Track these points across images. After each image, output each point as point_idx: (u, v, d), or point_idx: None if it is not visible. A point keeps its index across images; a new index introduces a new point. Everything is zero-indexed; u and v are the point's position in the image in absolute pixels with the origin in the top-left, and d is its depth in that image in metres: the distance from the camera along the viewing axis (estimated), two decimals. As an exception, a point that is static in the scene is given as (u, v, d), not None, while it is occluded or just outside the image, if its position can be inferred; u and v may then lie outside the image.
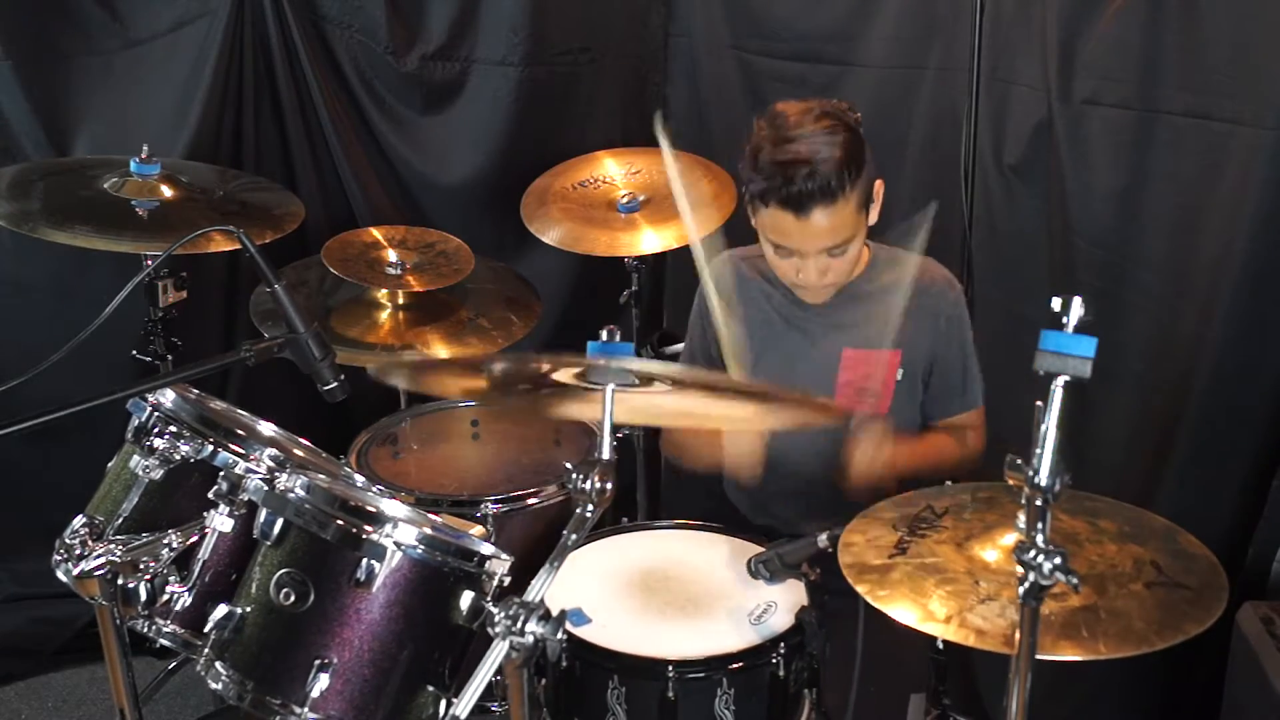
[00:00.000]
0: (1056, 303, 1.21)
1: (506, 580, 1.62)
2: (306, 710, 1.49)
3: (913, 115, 2.73)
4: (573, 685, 1.68)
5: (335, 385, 1.69)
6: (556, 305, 3.10)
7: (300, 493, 1.58)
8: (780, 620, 1.71)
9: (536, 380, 1.63)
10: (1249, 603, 1.98)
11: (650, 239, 2.62)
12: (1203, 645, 1.57)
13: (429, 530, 1.57)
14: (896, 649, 1.94)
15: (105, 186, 2.43)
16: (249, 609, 1.56)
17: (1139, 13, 2.21)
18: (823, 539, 1.66)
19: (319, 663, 1.50)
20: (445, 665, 1.58)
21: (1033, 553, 1.21)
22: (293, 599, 1.52)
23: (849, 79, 2.81)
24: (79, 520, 1.63)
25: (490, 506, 2.13)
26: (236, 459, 1.71)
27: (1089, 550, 1.45)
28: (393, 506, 1.73)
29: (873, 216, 1.97)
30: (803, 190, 1.82)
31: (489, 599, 1.58)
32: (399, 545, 1.53)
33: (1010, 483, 1.24)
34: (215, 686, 1.56)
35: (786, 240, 1.91)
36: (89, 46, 2.76)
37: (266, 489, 1.59)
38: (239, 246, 1.62)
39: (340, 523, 1.54)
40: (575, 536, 1.43)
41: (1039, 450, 1.20)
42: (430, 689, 1.56)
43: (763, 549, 1.80)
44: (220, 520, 1.65)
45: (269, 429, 1.91)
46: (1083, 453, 2.37)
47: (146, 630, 1.69)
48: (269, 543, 1.56)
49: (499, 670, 1.37)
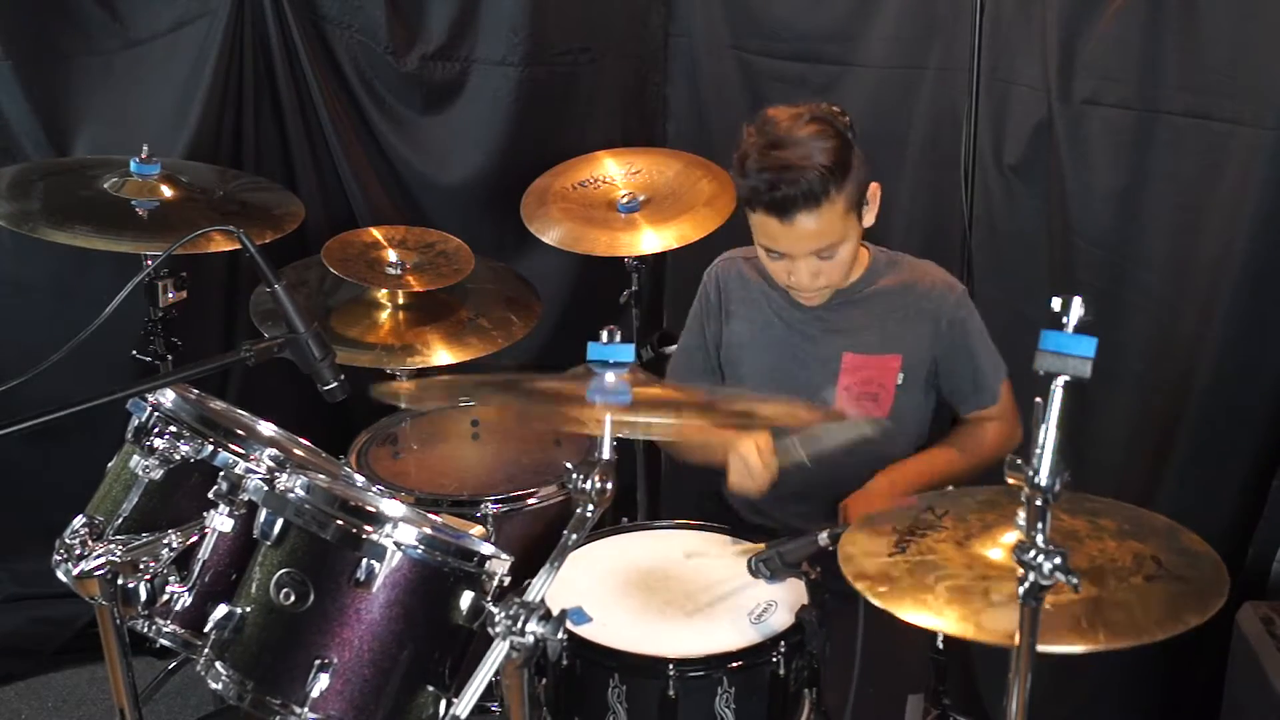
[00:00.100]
0: (1056, 303, 1.21)
1: (506, 580, 1.62)
2: (306, 710, 1.50)
3: (913, 115, 2.72)
4: (573, 684, 1.68)
5: (335, 385, 1.69)
6: (556, 305, 3.10)
7: (300, 493, 1.58)
8: (780, 619, 1.71)
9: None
10: (1249, 603, 1.98)
11: (650, 239, 2.61)
12: (1203, 645, 1.57)
13: (429, 530, 1.57)
14: (896, 649, 1.94)
15: (105, 186, 2.42)
16: (249, 609, 1.56)
17: (1139, 13, 2.21)
18: (823, 537, 1.66)
19: (319, 663, 1.50)
20: (445, 665, 1.58)
21: (1032, 553, 1.21)
22: (293, 599, 1.52)
23: (849, 79, 2.81)
24: (79, 520, 1.63)
25: (490, 506, 2.13)
26: (236, 459, 1.71)
27: (1089, 545, 1.45)
28: (392, 506, 1.73)
29: (869, 219, 1.97)
30: (786, 195, 1.84)
31: (489, 599, 1.58)
32: (399, 545, 1.53)
33: (1010, 483, 1.24)
34: (215, 686, 1.56)
35: (775, 244, 1.93)
36: (89, 46, 2.76)
37: (266, 489, 1.59)
38: (239, 246, 1.62)
39: (340, 523, 1.55)
40: (575, 536, 1.43)
41: (1039, 450, 1.20)
42: (430, 689, 1.56)
43: (763, 548, 1.80)
44: (220, 520, 1.65)
45: (269, 429, 1.91)
46: (1083, 453, 2.37)
47: (146, 630, 1.69)
48: (269, 543, 1.57)
49: (499, 670, 1.37)
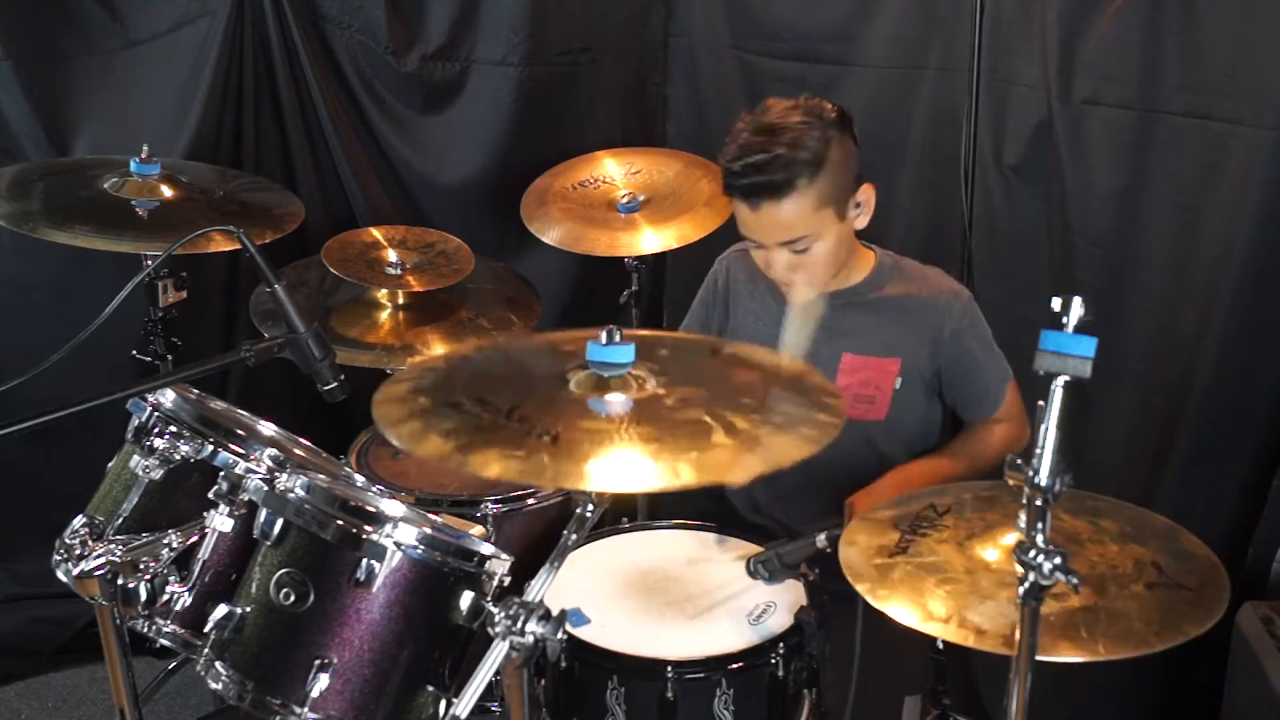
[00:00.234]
0: (1056, 303, 1.21)
1: (506, 580, 1.62)
2: (306, 710, 1.50)
3: (913, 115, 2.72)
4: (572, 685, 1.68)
5: (335, 385, 1.70)
6: (556, 305, 3.10)
7: (300, 493, 1.58)
8: (779, 620, 1.71)
9: None
10: (1249, 603, 1.98)
11: (650, 239, 2.61)
12: (1203, 645, 1.57)
13: (429, 530, 1.57)
14: (895, 650, 1.94)
15: (105, 186, 2.42)
16: (249, 609, 1.56)
17: (1139, 13, 2.21)
18: (821, 539, 1.66)
19: (319, 663, 1.50)
20: (445, 665, 1.58)
21: (1033, 553, 1.21)
22: (293, 599, 1.52)
23: (849, 79, 2.81)
24: (79, 520, 1.63)
25: (490, 506, 2.13)
26: (236, 459, 1.71)
27: (1090, 550, 1.45)
28: (393, 506, 1.73)
29: (860, 221, 1.97)
30: (753, 183, 1.87)
31: (489, 599, 1.58)
32: (399, 545, 1.53)
33: (1010, 483, 1.24)
34: (215, 686, 1.56)
35: (748, 231, 1.96)
36: (89, 46, 2.76)
37: (266, 489, 1.59)
38: (239, 246, 1.63)
39: (340, 523, 1.54)
40: (575, 536, 1.43)
41: (1039, 450, 1.20)
42: (430, 689, 1.56)
43: (762, 549, 1.80)
44: (220, 520, 1.65)
45: (269, 429, 1.91)
46: (1083, 453, 2.37)
47: (146, 630, 1.69)
48: (269, 543, 1.57)
49: (499, 670, 1.37)
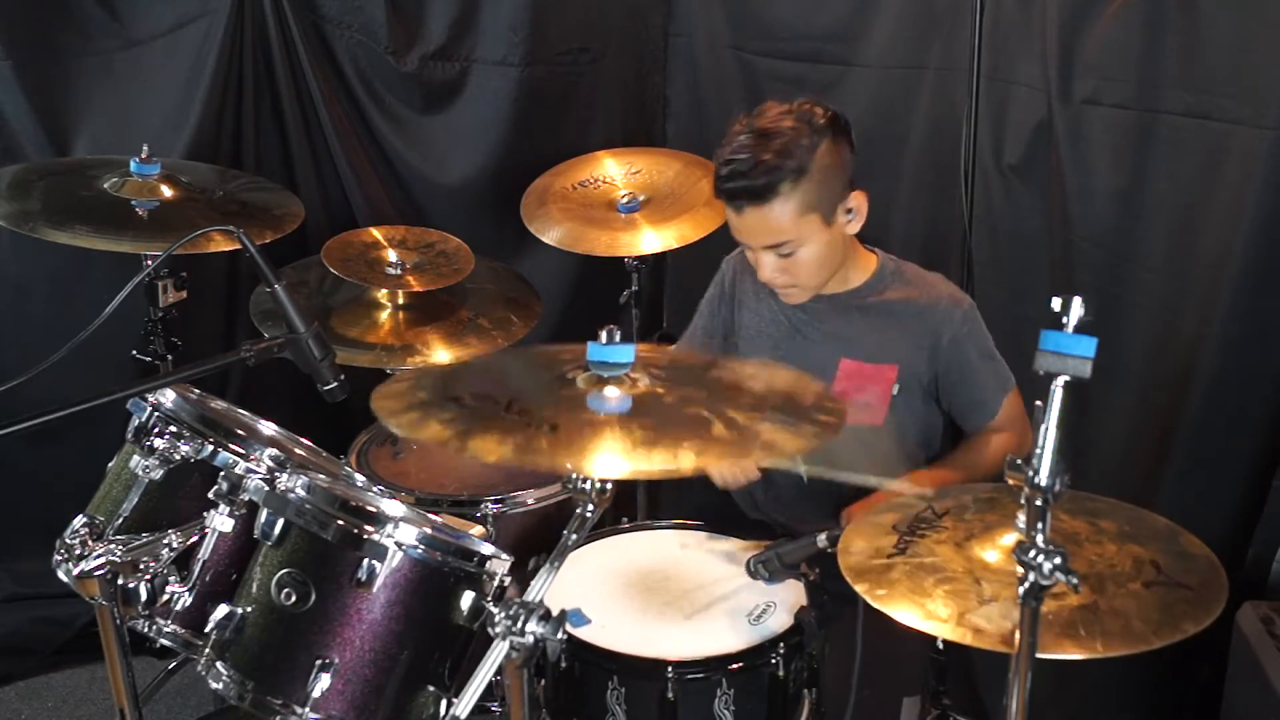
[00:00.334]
0: (1056, 303, 1.21)
1: (507, 580, 1.62)
2: (307, 710, 1.50)
3: (913, 115, 2.72)
4: (572, 686, 1.68)
5: (335, 385, 1.69)
6: (556, 305, 3.10)
7: (301, 493, 1.58)
8: (779, 620, 1.71)
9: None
10: (1249, 603, 1.98)
11: (650, 239, 2.61)
12: (1202, 645, 1.57)
13: (429, 530, 1.57)
14: (894, 650, 1.94)
15: (105, 186, 2.42)
16: (250, 609, 1.56)
17: (1139, 13, 2.21)
18: (822, 539, 1.66)
19: (320, 663, 1.50)
20: (446, 665, 1.58)
21: (1033, 553, 1.21)
22: (293, 599, 1.52)
23: (849, 79, 2.81)
24: (79, 520, 1.63)
25: (490, 506, 2.13)
26: (237, 459, 1.71)
27: (1088, 550, 1.45)
28: (393, 506, 1.73)
29: (852, 227, 1.96)
30: (735, 187, 1.88)
31: (489, 599, 1.58)
32: (400, 545, 1.53)
33: (1010, 483, 1.24)
34: (216, 686, 1.56)
35: (736, 233, 1.98)
36: (89, 46, 2.76)
37: (267, 489, 1.59)
38: (239, 246, 1.62)
39: (341, 523, 1.55)
40: (575, 536, 1.43)
41: (1039, 450, 1.20)
42: (431, 689, 1.56)
43: (762, 549, 1.80)
44: (220, 520, 1.65)
45: (269, 429, 1.91)
46: (1082, 453, 2.37)
47: (146, 630, 1.69)
48: (270, 543, 1.57)
49: (499, 670, 1.37)
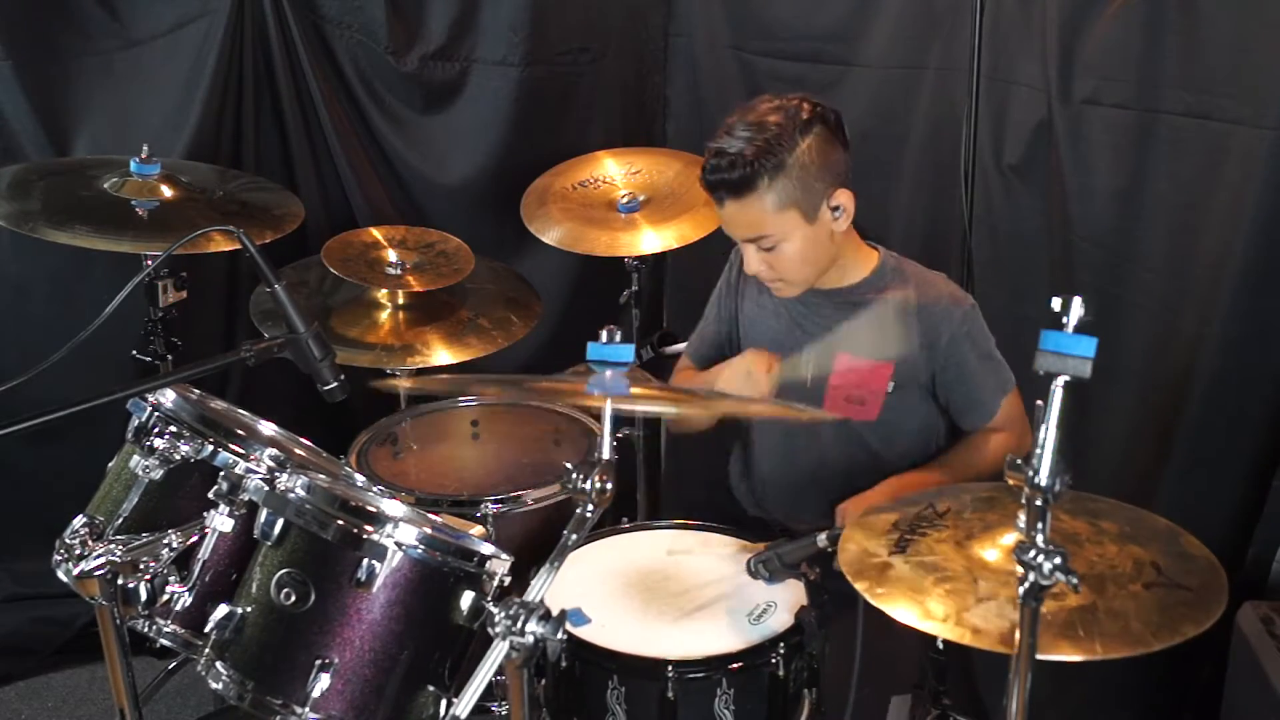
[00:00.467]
0: (1056, 303, 1.21)
1: (507, 580, 1.62)
2: (307, 710, 1.50)
3: (913, 115, 2.72)
4: (572, 685, 1.68)
5: (335, 385, 1.69)
6: (556, 305, 3.10)
7: (301, 493, 1.58)
8: (780, 620, 1.71)
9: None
10: (1249, 603, 1.98)
11: (650, 239, 2.61)
12: (1203, 645, 1.57)
13: (429, 530, 1.57)
14: (895, 649, 1.94)
15: (105, 186, 2.42)
16: (249, 609, 1.56)
17: (1139, 13, 2.21)
18: (822, 538, 1.66)
19: (320, 663, 1.50)
20: (445, 665, 1.58)
21: (1033, 553, 1.21)
22: (293, 599, 1.52)
23: (849, 79, 2.81)
24: (79, 520, 1.63)
25: (490, 506, 2.13)
26: (237, 459, 1.71)
27: (1089, 550, 1.45)
28: (393, 506, 1.73)
29: (839, 225, 1.94)
30: (714, 180, 1.89)
31: (489, 599, 1.58)
32: (400, 545, 1.53)
33: (1010, 483, 1.24)
34: (215, 686, 1.56)
35: (723, 225, 1.98)
36: (89, 46, 2.76)
37: (267, 489, 1.59)
38: (239, 246, 1.62)
39: (341, 523, 1.55)
40: (575, 536, 1.43)
41: (1039, 450, 1.20)
42: (431, 689, 1.56)
43: (762, 549, 1.80)
44: (220, 520, 1.65)
45: (269, 429, 1.91)
46: (1082, 453, 2.37)
47: (146, 630, 1.69)
48: (269, 543, 1.57)
49: (499, 670, 1.37)
